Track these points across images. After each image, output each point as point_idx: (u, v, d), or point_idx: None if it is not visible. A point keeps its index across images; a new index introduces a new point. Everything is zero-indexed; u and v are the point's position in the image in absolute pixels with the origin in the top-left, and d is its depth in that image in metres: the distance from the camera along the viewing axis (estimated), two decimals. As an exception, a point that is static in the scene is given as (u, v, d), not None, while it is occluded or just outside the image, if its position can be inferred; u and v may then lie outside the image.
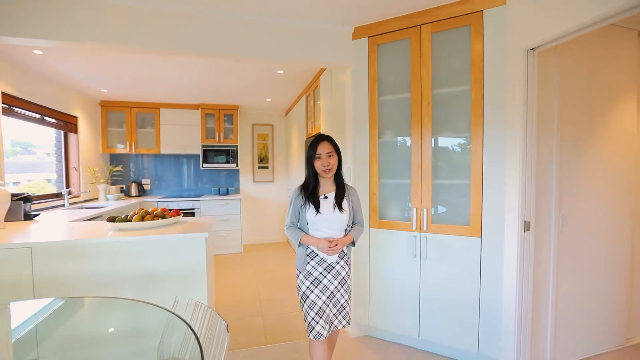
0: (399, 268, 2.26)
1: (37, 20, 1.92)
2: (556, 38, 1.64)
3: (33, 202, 2.94)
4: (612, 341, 2.26)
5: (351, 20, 2.28)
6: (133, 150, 4.67)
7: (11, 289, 1.81)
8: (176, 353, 1.19)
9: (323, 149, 1.69)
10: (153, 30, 2.08)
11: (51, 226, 2.35)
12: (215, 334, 1.14)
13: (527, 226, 1.86)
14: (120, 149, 4.67)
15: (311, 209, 1.69)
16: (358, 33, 2.36)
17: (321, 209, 1.69)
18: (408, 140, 2.23)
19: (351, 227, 1.78)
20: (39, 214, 2.76)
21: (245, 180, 5.46)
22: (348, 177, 2.35)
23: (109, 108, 4.60)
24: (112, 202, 4.15)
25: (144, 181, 5.02)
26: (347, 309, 1.77)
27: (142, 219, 2.16)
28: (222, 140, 4.91)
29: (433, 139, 2.13)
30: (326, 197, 1.72)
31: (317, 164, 1.70)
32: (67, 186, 3.90)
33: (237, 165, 5.01)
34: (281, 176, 5.61)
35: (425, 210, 2.14)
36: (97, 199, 4.31)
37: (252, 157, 5.48)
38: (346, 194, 1.75)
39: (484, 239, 1.99)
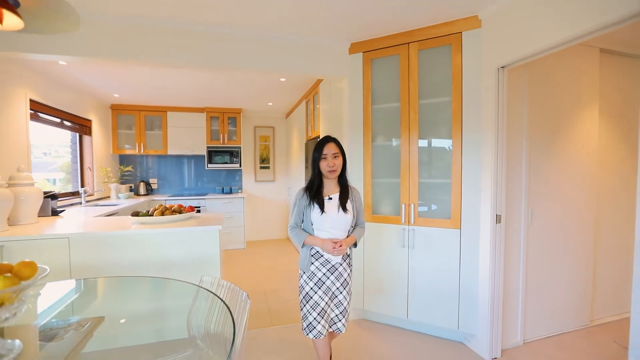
0: (390, 257, 2.55)
1: (65, 40, 2.19)
2: (523, 58, 1.94)
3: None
4: (577, 321, 2.57)
5: (348, 37, 2.57)
6: (142, 151, 4.93)
7: (52, 274, 2.08)
8: (203, 322, 1.46)
9: (329, 149, 1.74)
10: (179, 47, 2.36)
11: (78, 220, 2.62)
12: (237, 301, 1.43)
13: (498, 219, 2.15)
14: (129, 150, 4.94)
15: (316, 209, 1.72)
16: (354, 48, 2.65)
17: (326, 209, 1.72)
18: (397, 144, 2.52)
19: (353, 228, 1.82)
20: (64, 210, 3.03)
21: (247, 180, 5.74)
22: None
23: (119, 111, 4.86)
24: (123, 200, 4.41)
25: (151, 180, 5.28)
26: (349, 311, 1.81)
27: (162, 213, 2.44)
28: (226, 142, 5.18)
29: (419, 143, 2.42)
30: (330, 198, 1.76)
31: (323, 165, 1.74)
32: (82, 185, 4.16)
33: (240, 166, 5.29)
34: (282, 176, 5.89)
35: (412, 205, 2.43)
36: (108, 197, 4.57)
37: (254, 157, 5.75)
38: (350, 196, 1.78)
39: (463, 231, 2.28)
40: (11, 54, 2.18)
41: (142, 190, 5.04)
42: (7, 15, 0.98)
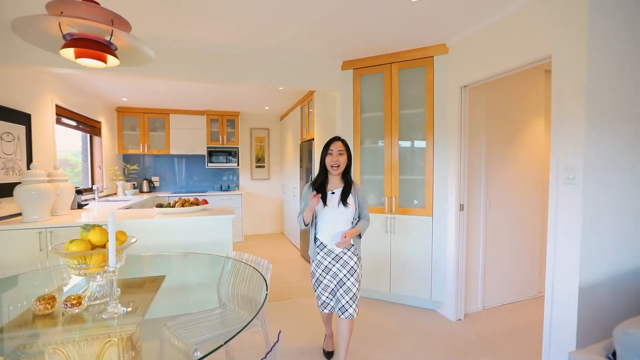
0: (376, 241, 3.04)
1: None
2: (479, 80, 2.46)
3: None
4: (527, 293, 3.13)
5: (340, 56, 3.04)
6: (146, 150, 5.27)
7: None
8: (232, 288, 1.87)
9: (335, 147, 1.91)
10: (197, 65, 2.78)
11: (105, 212, 2.99)
12: (261, 267, 1.87)
13: (462, 207, 2.67)
14: (133, 149, 5.26)
15: (319, 202, 1.86)
16: (345, 65, 3.13)
17: (328, 202, 1.87)
18: (382, 146, 3.02)
19: (358, 221, 1.95)
20: (87, 204, 3.38)
21: (244, 178, 6.14)
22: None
23: (124, 114, 5.19)
24: (130, 196, 4.75)
25: (153, 178, 5.62)
26: (358, 297, 1.91)
27: (183, 205, 2.85)
28: (225, 143, 5.58)
29: (399, 146, 2.93)
30: (333, 193, 1.91)
31: (328, 160, 1.91)
32: (92, 183, 4.48)
33: (238, 165, 5.69)
34: (276, 174, 6.33)
35: (394, 198, 2.93)
36: (115, 194, 4.90)
37: (250, 157, 6.17)
38: (352, 191, 1.92)
39: (434, 218, 2.80)
40: (65, 71, 2.54)
41: (145, 187, 5.37)
42: (110, 58, 1.40)
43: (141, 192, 5.32)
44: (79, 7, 1.26)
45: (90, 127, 4.32)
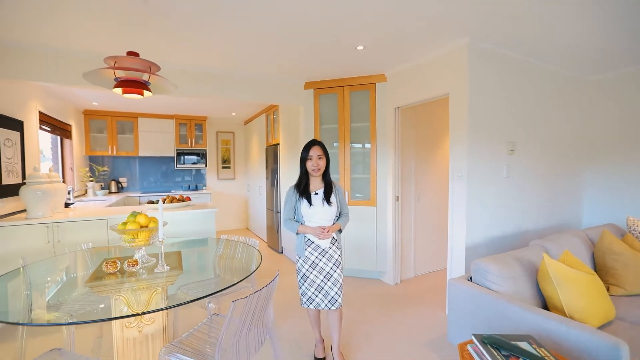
0: (333, 228, 3.79)
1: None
2: (408, 104, 3.31)
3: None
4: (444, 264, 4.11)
5: (304, 78, 3.74)
6: (114, 152, 5.48)
7: (95, 244, 2.88)
8: (228, 261, 2.45)
9: (314, 152, 1.99)
10: (188, 83, 3.28)
11: (95, 209, 3.35)
12: (249, 242, 2.50)
13: (397, 199, 3.53)
14: (102, 151, 5.44)
15: (305, 203, 2.00)
16: (308, 85, 3.83)
17: (313, 202, 1.99)
18: (337, 152, 3.78)
19: (339, 217, 2.10)
20: (74, 203, 3.67)
21: (211, 178, 6.56)
22: (302, 174, 3.81)
23: (91, 116, 5.34)
24: (102, 196, 4.97)
25: (121, 179, 5.81)
26: (342, 286, 2.04)
27: (171, 201, 3.34)
28: (193, 145, 5.97)
29: (350, 152, 3.71)
30: (317, 194, 2.02)
31: (309, 164, 2.00)
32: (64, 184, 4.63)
33: (206, 166, 6.11)
34: (241, 175, 6.83)
35: (347, 192, 3.71)
36: (85, 194, 5.07)
37: (217, 158, 6.60)
38: (333, 191, 2.05)
39: (377, 207, 3.63)
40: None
41: (113, 188, 5.57)
42: (146, 92, 1.93)
43: (110, 192, 5.51)
44: (126, 59, 1.81)
45: (62, 130, 4.50)
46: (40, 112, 3.64)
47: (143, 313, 1.40)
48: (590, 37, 2.55)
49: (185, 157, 5.94)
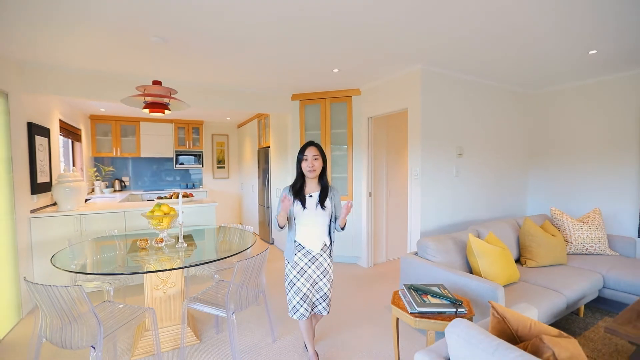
0: (316, 219, 4.41)
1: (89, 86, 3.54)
2: (379, 115, 3.95)
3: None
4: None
5: (291, 91, 4.34)
6: (118, 154, 5.98)
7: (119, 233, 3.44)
8: (227, 245, 3.06)
9: (310, 152, 1.93)
10: (194, 95, 3.84)
11: (111, 204, 3.90)
12: (245, 228, 3.09)
13: (370, 194, 4.17)
14: (106, 152, 5.94)
15: (298, 205, 1.92)
16: (294, 97, 4.44)
17: (307, 205, 1.91)
18: (320, 154, 4.39)
19: (334, 221, 2.02)
20: (90, 199, 4.20)
21: (207, 177, 7.10)
22: (293, 177, 4.41)
23: (97, 121, 5.84)
24: (108, 194, 5.48)
25: (124, 178, 6.32)
26: (329, 296, 1.98)
27: (177, 197, 3.91)
28: (191, 147, 6.51)
29: (331, 155, 4.33)
30: (311, 196, 1.95)
31: (304, 165, 1.92)
32: (74, 182, 5.14)
33: (202, 166, 6.66)
34: (235, 174, 7.39)
35: (328, 189, 4.33)
36: (93, 192, 5.57)
37: (212, 159, 7.15)
38: (329, 194, 1.97)
39: (354, 201, 4.26)
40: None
41: (117, 186, 6.07)
42: (166, 111, 2.51)
43: (114, 190, 6.01)
44: (152, 87, 2.39)
45: (73, 134, 5.00)
46: (61, 120, 4.15)
47: (172, 269, 2.00)
48: (519, 62, 3.23)
49: (183, 157, 6.47)
